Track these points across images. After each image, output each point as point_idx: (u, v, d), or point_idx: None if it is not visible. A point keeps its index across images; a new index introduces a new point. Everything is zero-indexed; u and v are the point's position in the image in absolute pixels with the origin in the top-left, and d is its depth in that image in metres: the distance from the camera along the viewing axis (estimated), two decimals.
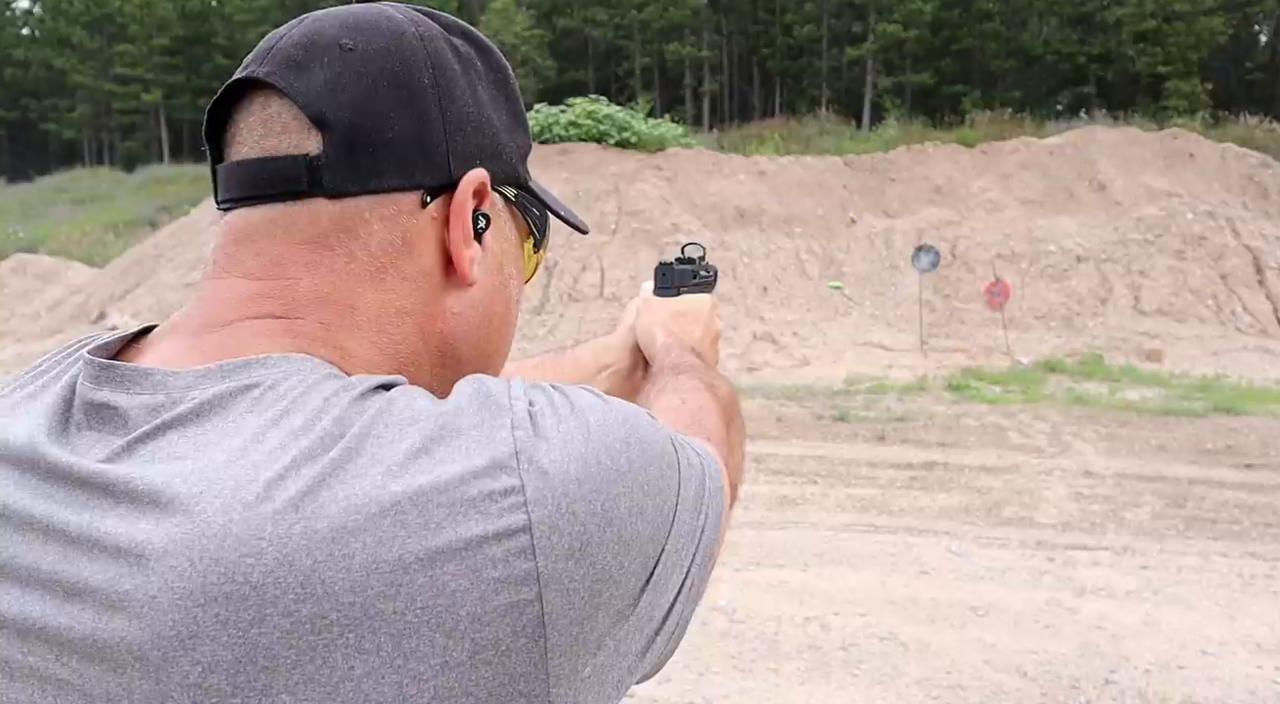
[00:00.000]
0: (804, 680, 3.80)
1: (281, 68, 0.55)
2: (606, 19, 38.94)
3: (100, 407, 0.51)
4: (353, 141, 0.54)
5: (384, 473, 0.45)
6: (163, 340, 0.56)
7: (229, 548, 0.43)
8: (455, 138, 0.57)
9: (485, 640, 0.44)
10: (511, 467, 0.46)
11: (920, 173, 16.16)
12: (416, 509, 0.44)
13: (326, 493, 0.44)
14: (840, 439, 8.19)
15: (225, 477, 0.44)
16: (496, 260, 0.62)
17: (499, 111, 0.62)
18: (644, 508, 0.51)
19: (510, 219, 0.64)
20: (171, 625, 0.43)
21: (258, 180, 0.55)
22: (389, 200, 0.55)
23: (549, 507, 0.46)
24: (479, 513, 0.45)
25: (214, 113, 0.58)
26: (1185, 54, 30.64)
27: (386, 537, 0.43)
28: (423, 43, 0.57)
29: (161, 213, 23.60)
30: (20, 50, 42.92)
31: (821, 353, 12.10)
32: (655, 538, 0.52)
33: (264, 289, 0.54)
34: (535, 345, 12.55)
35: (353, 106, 0.54)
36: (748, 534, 5.61)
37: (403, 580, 0.43)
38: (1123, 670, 3.87)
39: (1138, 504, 6.30)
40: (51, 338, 15.10)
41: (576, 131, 16.30)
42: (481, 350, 0.63)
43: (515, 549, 0.45)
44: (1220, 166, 15.77)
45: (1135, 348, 12.12)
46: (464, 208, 0.57)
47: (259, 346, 0.52)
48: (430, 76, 0.56)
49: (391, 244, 0.56)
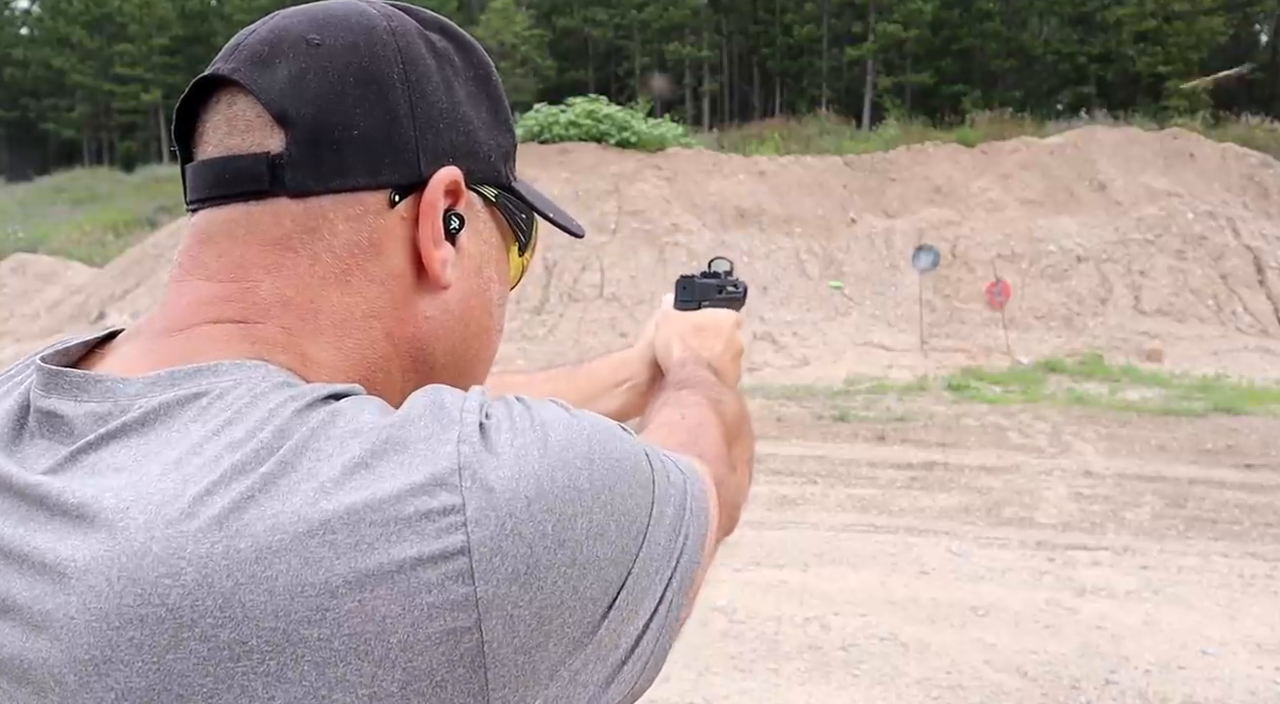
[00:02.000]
0: (804, 681, 3.80)
1: (246, 64, 0.54)
2: (606, 19, 38.93)
3: (49, 415, 0.49)
4: (316, 139, 0.52)
5: (316, 489, 0.42)
6: (125, 344, 0.55)
7: (147, 568, 0.40)
8: (426, 135, 0.55)
9: (419, 670, 0.41)
10: (453, 483, 0.43)
11: (920, 173, 16.16)
12: (347, 528, 0.41)
13: (254, 510, 0.41)
14: (840, 439, 8.19)
15: (154, 491, 0.42)
16: (474, 263, 0.59)
17: (478, 109, 0.58)
18: (605, 529, 0.47)
19: (491, 220, 0.61)
20: (87, 649, 0.41)
21: (221, 180, 0.53)
22: (355, 199, 0.53)
23: (491, 527, 0.43)
24: (414, 533, 0.42)
25: (182, 112, 0.56)
26: (1185, 54, 30.64)
27: (313, 558, 0.41)
28: (395, 37, 0.55)
29: (161, 213, 23.59)
30: (19, 50, 42.89)
31: (821, 353, 12.10)
32: (619, 561, 0.48)
33: (224, 292, 0.53)
34: (535, 346, 12.55)
35: (317, 103, 0.52)
36: (748, 534, 5.60)
37: (329, 605, 0.40)
38: (1123, 671, 3.87)
39: (1138, 504, 6.29)
40: (50, 338, 15.09)
41: (576, 131, 16.30)
42: (458, 356, 0.59)
43: (452, 573, 0.42)
44: (1221, 166, 15.76)
45: (1135, 348, 12.11)
46: (434, 207, 0.55)
47: (216, 352, 0.50)
48: (400, 72, 0.54)
49: (358, 245, 0.54)
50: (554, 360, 11.94)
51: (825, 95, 35.66)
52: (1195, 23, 30.56)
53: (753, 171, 16.14)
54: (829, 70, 37.54)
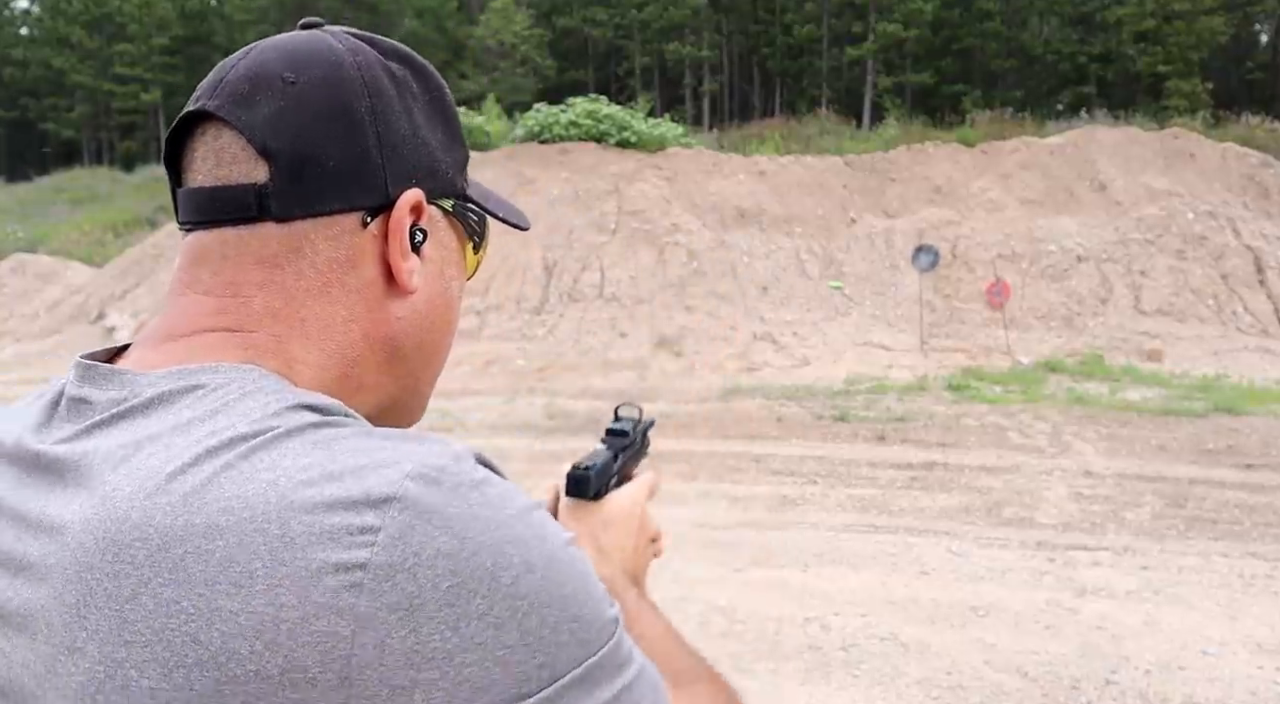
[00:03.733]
0: (804, 681, 3.79)
1: (229, 102, 0.60)
2: (606, 19, 38.91)
3: (79, 401, 0.57)
4: (296, 170, 0.59)
5: (269, 482, 0.48)
6: (137, 350, 0.62)
7: (125, 531, 0.48)
8: (392, 161, 0.62)
9: (296, 662, 0.45)
10: (383, 509, 0.48)
11: (920, 172, 16.15)
12: (280, 523, 0.47)
13: (215, 491, 0.48)
14: (840, 439, 8.18)
15: (143, 465, 0.50)
16: (437, 267, 0.66)
17: (435, 130, 0.66)
18: (503, 626, 0.48)
19: (449, 227, 0.68)
20: (73, 595, 0.48)
21: (213, 206, 0.60)
22: (332, 222, 0.61)
23: (395, 555, 0.47)
24: (333, 542, 0.47)
25: (171, 140, 0.63)
26: (1186, 54, 30.63)
27: (246, 542, 0.46)
28: (360, 72, 0.62)
29: (161, 212, 23.59)
30: (19, 50, 42.86)
31: (821, 353, 12.09)
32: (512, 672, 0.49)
33: (221, 306, 0.60)
34: (535, 345, 12.54)
35: (295, 137, 0.59)
36: (748, 534, 5.60)
37: (246, 585, 0.46)
38: (1123, 671, 3.86)
39: (1138, 504, 6.29)
40: (50, 338, 15.09)
41: (576, 131, 16.31)
42: (424, 347, 0.67)
43: (348, 583, 0.46)
44: (1221, 166, 15.76)
45: (1136, 348, 12.11)
46: (401, 225, 0.62)
47: (214, 356, 0.58)
48: (368, 105, 0.61)
49: (336, 261, 0.61)
50: (553, 360, 11.93)
51: (825, 95, 35.65)
52: (1195, 23, 30.54)
53: (753, 171, 16.14)
54: (829, 70, 37.54)
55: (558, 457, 7.97)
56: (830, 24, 37.02)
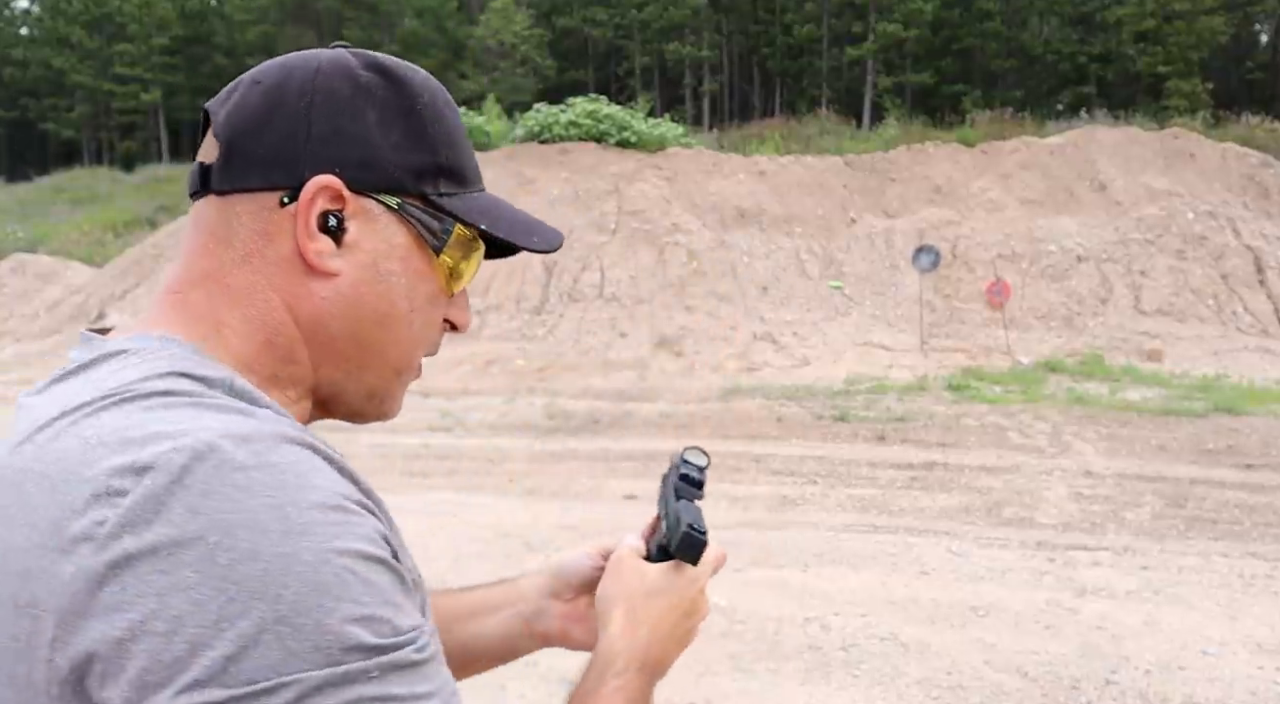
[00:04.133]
0: (804, 681, 3.79)
1: (217, 100, 0.71)
2: (606, 19, 38.91)
3: (70, 362, 0.66)
4: (231, 152, 0.68)
5: (84, 440, 0.56)
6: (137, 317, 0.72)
7: (12, 467, 0.57)
8: (317, 151, 0.67)
9: (34, 597, 0.52)
10: (140, 476, 0.53)
11: (920, 173, 16.15)
12: (70, 477, 0.54)
13: (55, 444, 0.56)
14: (840, 439, 8.18)
15: (37, 416, 0.60)
16: (368, 258, 0.69)
17: (389, 132, 0.70)
18: (202, 612, 0.50)
19: (400, 225, 0.70)
20: None
21: (190, 182, 0.70)
22: (256, 198, 0.67)
23: (131, 516, 0.52)
24: (95, 499, 0.53)
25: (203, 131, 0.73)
26: (1186, 54, 30.63)
27: (46, 489, 0.54)
28: (317, 76, 0.69)
29: (161, 212, 23.60)
30: (19, 50, 42.85)
31: (821, 353, 12.09)
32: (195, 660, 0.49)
33: (178, 271, 0.69)
34: (535, 345, 12.55)
35: (239, 126, 0.68)
36: (748, 534, 5.60)
37: (31, 524, 0.54)
38: (1123, 671, 3.86)
39: (1138, 504, 6.29)
40: (50, 338, 15.09)
41: (576, 131, 16.30)
42: (358, 337, 0.70)
43: (84, 535, 0.52)
44: (1221, 166, 15.76)
45: (1136, 348, 12.11)
46: (306, 205, 0.66)
47: (164, 317, 0.67)
48: (307, 102, 0.67)
49: (257, 233, 0.67)
50: (553, 360, 11.94)
51: (825, 95, 35.64)
52: (1195, 23, 30.54)
53: (753, 171, 16.14)
54: (829, 70, 37.53)
55: (557, 457, 7.96)
56: (830, 24, 37.01)
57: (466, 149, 0.75)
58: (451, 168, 0.73)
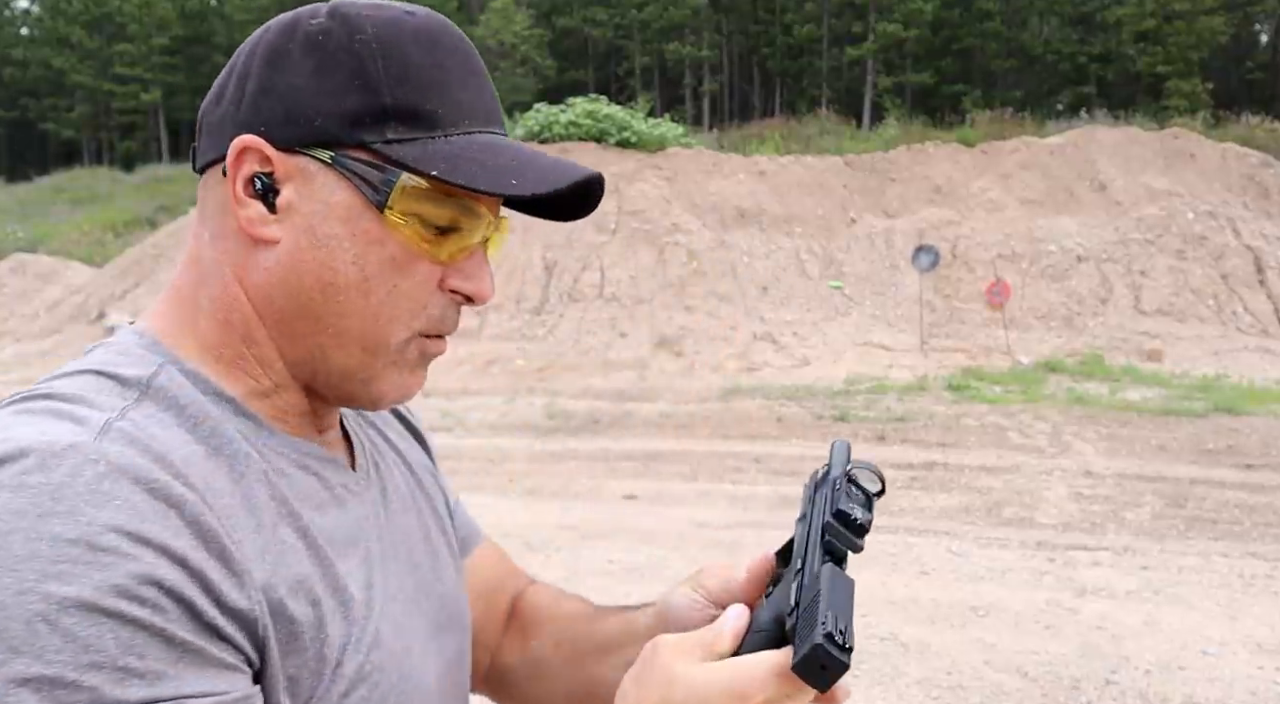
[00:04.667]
0: None
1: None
2: (606, 19, 38.92)
3: None
4: (200, 127, 0.67)
5: None
6: None
7: None
8: (244, 111, 0.63)
9: None
10: None
11: (920, 172, 16.15)
12: None
13: None
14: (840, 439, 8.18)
15: None
16: (305, 221, 0.62)
17: (324, 78, 0.61)
18: None
19: (338, 180, 0.62)
20: None
21: None
22: (213, 172, 0.65)
23: None
24: None
25: None
26: (1186, 54, 30.64)
27: None
28: (264, 34, 0.65)
29: (161, 212, 23.59)
30: (19, 50, 42.87)
31: (821, 353, 12.09)
32: None
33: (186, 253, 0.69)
34: (535, 345, 12.54)
35: (206, 100, 0.67)
36: (748, 534, 5.60)
37: None
38: (1123, 671, 3.86)
39: (1138, 504, 6.29)
40: (50, 338, 15.08)
41: (576, 131, 16.29)
42: (307, 309, 0.64)
43: None
44: (1221, 166, 15.76)
45: (1136, 348, 12.11)
46: (232, 170, 0.62)
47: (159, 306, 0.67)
48: (242, 62, 0.64)
49: (215, 207, 0.65)
50: (553, 360, 11.93)
51: (825, 95, 35.64)
52: (1195, 23, 30.55)
53: (753, 171, 16.14)
54: (829, 70, 37.55)
55: (557, 457, 7.97)
56: (830, 24, 37.03)
57: (436, 87, 0.63)
58: (404, 108, 0.62)
